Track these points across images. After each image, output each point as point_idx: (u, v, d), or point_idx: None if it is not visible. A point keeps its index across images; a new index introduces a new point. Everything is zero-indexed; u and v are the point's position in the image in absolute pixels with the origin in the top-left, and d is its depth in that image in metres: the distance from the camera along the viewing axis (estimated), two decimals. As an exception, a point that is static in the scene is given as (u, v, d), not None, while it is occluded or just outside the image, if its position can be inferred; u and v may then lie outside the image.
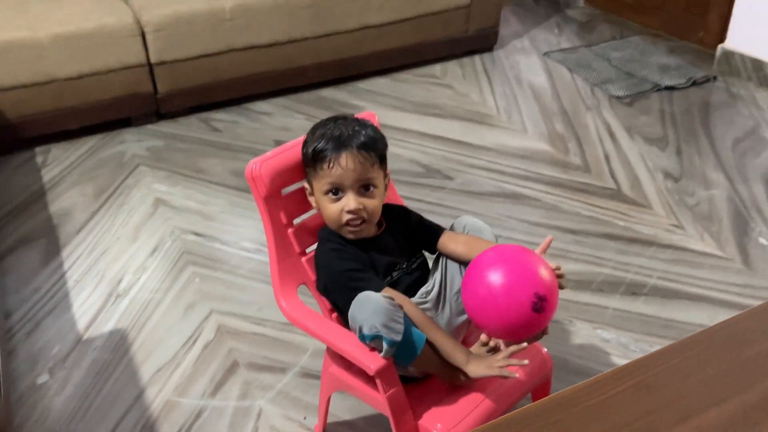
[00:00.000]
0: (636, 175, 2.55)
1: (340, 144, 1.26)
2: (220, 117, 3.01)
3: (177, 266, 2.13)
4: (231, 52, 2.96)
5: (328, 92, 3.20)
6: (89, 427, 1.63)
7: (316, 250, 1.37)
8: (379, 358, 1.19)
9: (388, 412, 1.23)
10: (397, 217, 1.41)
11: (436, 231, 1.41)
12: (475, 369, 1.22)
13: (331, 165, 1.26)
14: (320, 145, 1.27)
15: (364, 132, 1.28)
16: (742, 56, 3.24)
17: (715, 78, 3.26)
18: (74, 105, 2.77)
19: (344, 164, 1.25)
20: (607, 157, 2.66)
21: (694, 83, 3.20)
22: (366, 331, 1.16)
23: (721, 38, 3.37)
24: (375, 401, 1.34)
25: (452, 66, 3.44)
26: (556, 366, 1.47)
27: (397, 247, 1.38)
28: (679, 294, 1.99)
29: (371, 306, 1.17)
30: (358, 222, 1.29)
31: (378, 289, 1.23)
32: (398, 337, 1.15)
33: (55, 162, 2.67)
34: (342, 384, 1.41)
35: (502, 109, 3.03)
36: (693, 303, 1.96)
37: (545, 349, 1.42)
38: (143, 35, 2.78)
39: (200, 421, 1.64)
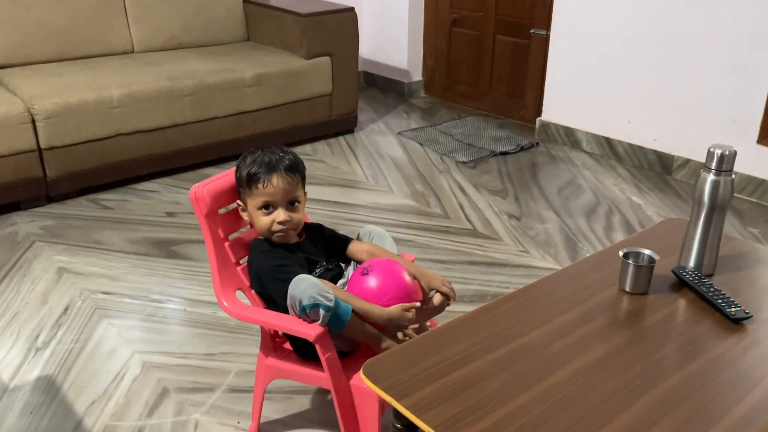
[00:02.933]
0: (486, 217, 3.06)
1: (271, 168, 1.59)
2: (109, 197, 3.19)
3: (92, 321, 2.28)
4: (118, 136, 3.20)
5: (210, 171, 3.49)
6: (33, 456, 1.73)
7: (249, 255, 1.66)
8: (317, 326, 1.49)
9: (326, 373, 1.51)
10: (314, 230, 1.75)
11: (345, 241, 1.76)
12: (392, 312, 1.54)
13: (265, 185, 1.58)
14: (254, 170, 1.59)
15: (287, 157, 1.63)
16: (556, 126, 3.97)
17: (537, 144, 3.96)
18: (-36, 189, 2.85)
19: (275, 184, 1.58)
20: (461, 206, 3.16)
21: (522, 149, 3.87)
22: (305, 302, 1.46)
23: (539, 113, 4.10)
24: (310, 377, 1.61)
25: (321, 145, 3.89)
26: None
27: (316, 251, 1.71)
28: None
29: (307, 283, 1.47)
30: (286, 230, 1.62)
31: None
32: (331, 303, 1.46)
33: (-53, 244, 2.72)
34: (279, 372, 1.67)
35: (369, 176, 3.48)
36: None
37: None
38: (34, 123, 2.96)
39: (141, 438, 1.79)
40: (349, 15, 3.83)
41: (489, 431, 1.04)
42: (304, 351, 1.64)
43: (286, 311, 1.54)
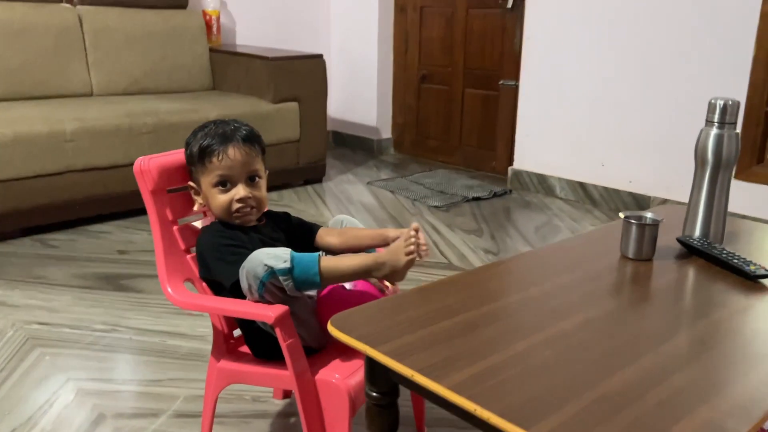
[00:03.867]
0: (462, 252, 2.89)
1: (226, 138, 1.41)
2: (57, 237, 2.96)
3: (23, 350, 2.01)
4: (70, 172, 3.00)
5: (168, 215, 3.28)
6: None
7: (199, 236, 1.44)
8: (276, 307, 1.28)
9: (287, 361, 1.28)
10: (279, 218, 1.55)
11: (313, 228, 1.56)
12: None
13: (221, 158, 1.39)
14: (206, 142, 1.41)
15: (243, 127, 1.46)
16: (529, 173, 3.89)
17: (510, 191, 3.86)
18: None
19: (232, 156, 1.39)
20: (435, 244, 2.99)
21: (495, 195, 3.76)
22: (261, 273, 1.25)
23: (510, 162, 4.03)
24: (269, 376, 1.38)
25: (288, 192, 3.73)
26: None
27: (276, 236, 1.51)
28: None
29: (256, 255, 1.26)
30: (248, 209, 1.42)
31: None
32: (287, 264, 1.24)
33: None
34: (232, 375, 1.43)
35: (337, 217, 3.31)
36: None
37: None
38: (-23, 153, 2.76)
39: (68, 466, 1.51)
40: (317, 61, 3.77)
41: (482, 376, 0.84)
42: (264, 352, 1.42)
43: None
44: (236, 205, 1.40)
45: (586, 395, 0.81)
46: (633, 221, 1.25)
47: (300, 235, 1.55)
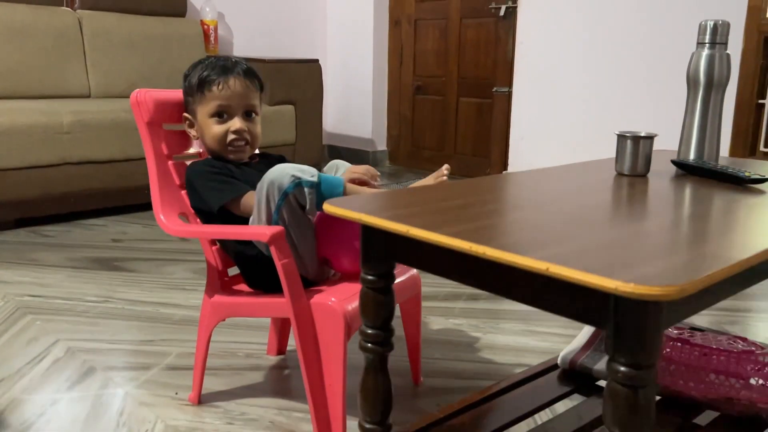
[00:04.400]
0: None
1: (227, 70, 1.43)
2: (51, 229, 2.95)
3: (13, 317, 1.98)
4: (65, 165, 3.00)
5: (163, 211, 3.27)
6: None
7: (188, 166, 1.42)
8: (271, 227, 1.27)
9: (282, 280, 1.27)
10: (274, 159, 1.56)
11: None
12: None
13: (221, 87, 1.40)
14: (207, 72, 1.43)
15: (244, 63, 1.48)
16: (523, 177, 3.91)
17: (506, 194, 3.87)
18: None
19: (232, 86, 1.41)
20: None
21: (491, 196, 3.76)
22: (287, 183, 1.25)
23: (505, 168, 4.05)
24: (263, 306, 1.37)
25: (282, 193, 3.73)
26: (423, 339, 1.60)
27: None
28: (512, 298, 2.23)
29: (283, 167, 1.28)
30: (242, 143, 1.43)
31: (243, 190, 1.34)
32: (314, 178, 1.26)
33: None
34: (226, 308, 1.42)
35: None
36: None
37: (415, 271, 1.55)
38: (-26, 141, 2.77)
39: (55, 409, 1.48)
40: (313, 66, 3.82)
41: (477, 229, 0.84)
42: (261, 283, 1.40)
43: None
44: (231, 137, 1.41)
45: (581, 239, 0.80)
46: (627, 135, 1.25)
47: None
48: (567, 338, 1.86)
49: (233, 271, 1.49)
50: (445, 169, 1.39)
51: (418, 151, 4.71)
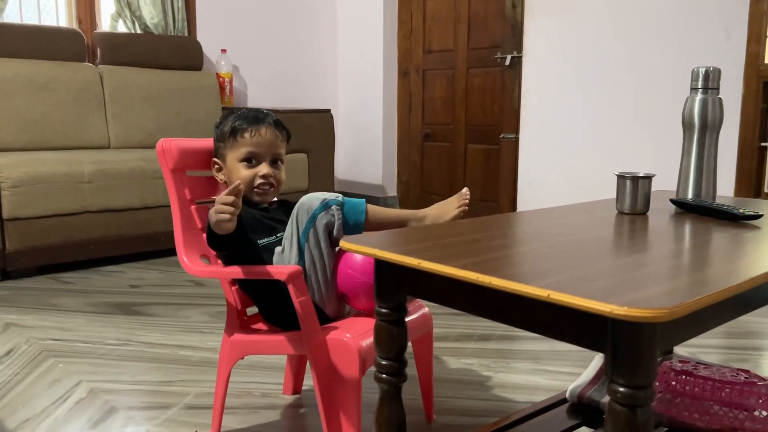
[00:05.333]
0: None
1: (258, 120, 1.53)
2: (70, 275, 3.02)
3: (37, 359, 2.04)
4: (86, 213, 3.10)
5: (179, 257, 3.35)
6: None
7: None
8: (289, 267, 1.33)
9: (300, 316, 1.32)
10: (291, 205, 1.62)
11: None
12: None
13: (252, 134, 1.50)
14: (240, 121, 1.52)
15: (273, 115, 1.57)
16: (532, 220, 3.97)
17: (515, 237, 3.92)
18: None
19: (264, 134, 1.51)
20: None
21: (500, 240, 3.82)
22: (315, 204, 1.35)
23: (513, 210, 4.12)
24: (281, 343, 1.42)
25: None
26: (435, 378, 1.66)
27: (282, 220, 1.55)
28: (524, 335, 2.27)
29: (313, 195, 1.39)
30: (267, 187, 1.51)
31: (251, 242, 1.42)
32: (339, 199, 1.36)
33: None
34: (246, 346, 1.47)
35: (345, 258, 3.37)
36: (535, 339, 2.24)
37: (427, 309, 1.60)
38: (-1, 190, 2.87)
39: (80, 447, 1.52)
40: (325, 115, 3.94)
41: (484, 261, 0.90)
42: (279, 322, 1.46)
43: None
44: (258, 181, 1.51)
45: (581, 269, 0.86)
46: (627, 176, 1.32)
47: None
48: (577, 376, 1.89)
49: (252, 310, 1.55)
50: (465, 191, 1.46)
51: (427, 196, 4.79)
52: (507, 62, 4.13)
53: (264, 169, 1.51)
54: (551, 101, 3.81)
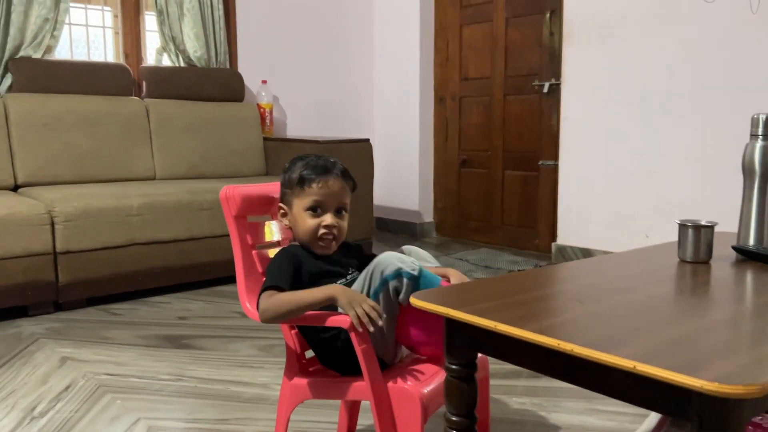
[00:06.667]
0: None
1: (326, 170, 1.53)
2: (119, 307, 3.09)
3: (95, 395, 2.09)
4: (134, 245, 3.17)
5: (224, 288, 3.41)
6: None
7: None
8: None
9: (362, 365, 1.34)
10: (351, 247, 1.64)
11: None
12: (342, 297, 1.37)
13: (320, 185, 1.51)
14: (308, 171, 1.52)
15: (340, 164, 1.58)
16: (573, 248, 3.95)
17: (555, 265, 3.91)
18: (-27, 286, 2.77)
19: (330, 185, 1.51)
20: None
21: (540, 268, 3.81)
22: (389, 271, 1.36)
23: (553, 239, 4.10)
24: (342, 388, 1.44)
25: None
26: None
27: (347, 263, 1.58)
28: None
29: (390, 254, 1.40)
30: (330, 237, 1.52)
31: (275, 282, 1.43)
32: (415, 271, 1.36)
33: (-54, 337, 2.57)
34: (306, 391, 1.49)
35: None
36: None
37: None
38: (53, 225, 2.95)
39: (144, 488, 1.55)
40: (365, 145, 3.99)
41: (559, 324, 0.91)
42: (338, 367, 1.48)
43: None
44: (322, 231, 1.51)
45: (660, 334, 0.86)
46: (689, 225, 1.32)
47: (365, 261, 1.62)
48: (631, 416, 1.88)
49: (310, 353, 1.57)
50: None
51: (464, 222, 4.80)
52: (545, 89, 4.14)
53: (329, 219, 1.51)
54: (591, 128, 3.81)
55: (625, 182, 3.68)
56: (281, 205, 1.58)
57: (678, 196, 3.48)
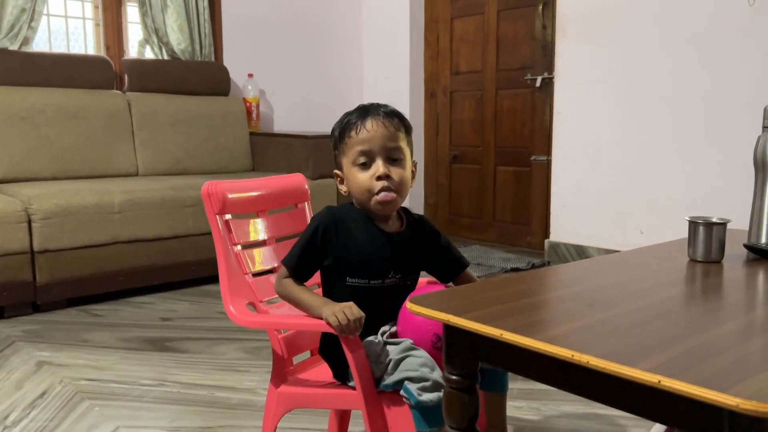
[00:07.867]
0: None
1: (366, 112, 1.31)
2: (100, 308, 2.98)
3: (72, 402, 1.99)
4: (116, 244, 3.06)
5: (210, 288, 3.31)
6: None
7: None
8: (341, 318, 1.27)
9: (353, 371, 1.26)
10: (425, 230, 1.38)
11: (462, 263, 1.39)
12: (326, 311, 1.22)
13: (359, 130, 1.28)
14: (348, 118, 1.33)
15: (388, 106, 1.36)
16: (566, 245, 3.88)
17: (549, 263, 3.84)
18: (-54, 287, 2.66)
19: (370, 127, 1.27)
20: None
21: (534, 266, 3.74)
22: (391, 380, 1.22)
23: (546, 236, 4.03)
24: (331, 397, 1.36)
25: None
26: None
27: (404, 254, 1.35)
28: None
29: (414, 361, 1.20)
30: (389, 191, 1.27)
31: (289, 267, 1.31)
32: (422, 397, 1.16)
33: None
34: (293, 399, 1.40)
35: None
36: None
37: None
38: (30, 223, 2.84)
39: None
40: (353, 140, 3.89)
41: (572, 333, 0.83)
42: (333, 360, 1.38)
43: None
44: (376, 184, 1.26)
45: (679, 346, 0.79)
46: (700, 221, 1.24)
47: (442, 259, 1.39)
48: (633, 421, 1.80)
49: (298, 358, 1.48)
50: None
51: (456, 219, 4.72)
52: (538, 84, 4.06)
53: (380, 167, 1.26)
54: (585, 123, 3.74)
55: (619, 178, 3.62)
56: (336, 172, 1.39)
57: (673, 192, 3.42)
